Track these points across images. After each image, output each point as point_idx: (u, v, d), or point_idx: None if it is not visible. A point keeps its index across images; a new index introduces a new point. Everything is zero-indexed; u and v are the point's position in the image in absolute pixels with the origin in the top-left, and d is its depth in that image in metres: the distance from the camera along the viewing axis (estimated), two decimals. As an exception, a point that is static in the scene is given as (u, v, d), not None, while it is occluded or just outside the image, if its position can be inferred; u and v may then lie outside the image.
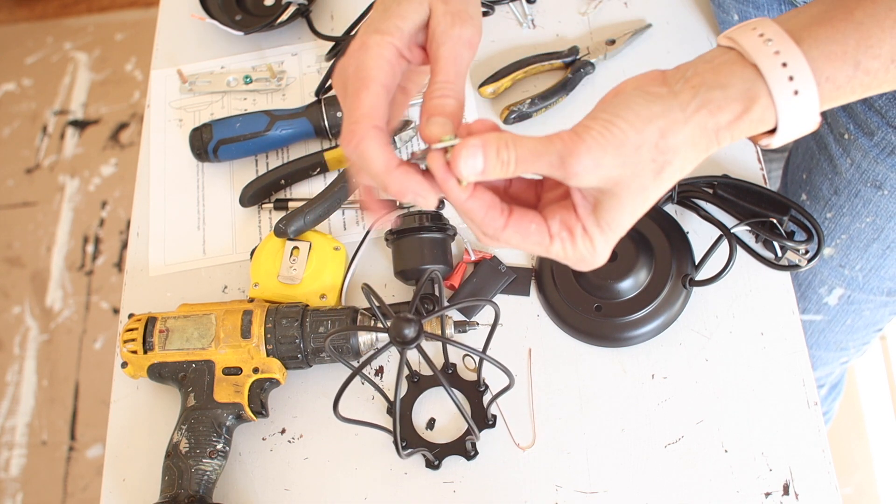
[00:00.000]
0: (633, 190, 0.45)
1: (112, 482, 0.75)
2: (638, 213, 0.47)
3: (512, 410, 0.73)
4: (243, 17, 0.98)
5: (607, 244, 0.48)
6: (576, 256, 0.48)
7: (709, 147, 0.46)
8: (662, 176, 0.46)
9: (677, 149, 0.45)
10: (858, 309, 0.91)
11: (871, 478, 1.57)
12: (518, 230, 0.48)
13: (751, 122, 0.45)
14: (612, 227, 0.47)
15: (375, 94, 0.48)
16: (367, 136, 0.47)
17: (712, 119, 0.45)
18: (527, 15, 0.93)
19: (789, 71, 0.44)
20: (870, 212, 0.78)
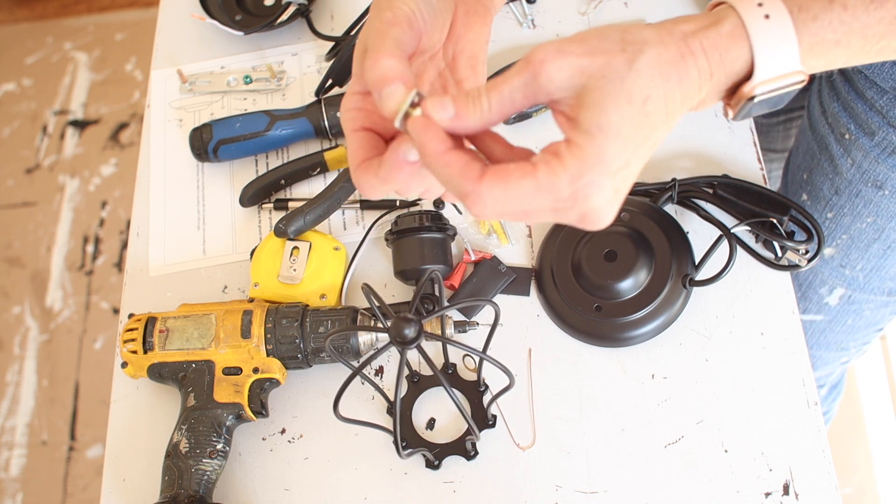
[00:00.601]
0: (610, 79, 0.42)
1: (112, 482, 0.75)
2: (628, 114, 0.42)
3: (512, 410, 0.73)
4: (243, 17, 0.98)
5: (600, 152, 0.42)
6: (568, 178, 0.42)
7: (682, 53, 0.43)
8: (637, 65, 0.42)
9: (645, 40, 0.43)
10: (859, 309, 0.91)
11: (871, 478, 1.57)
12: (497, 175, 0.43)
13: (719, 35, 0.43)
14: (601, 126, 0.42)
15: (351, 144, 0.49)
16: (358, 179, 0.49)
17: (676, 27, 0.44)
18: (527, 15, 0.93)
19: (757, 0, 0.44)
20: (871, 212, 0.78)
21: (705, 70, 0.44)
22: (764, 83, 0.44)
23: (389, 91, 0.45)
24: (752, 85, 0.45)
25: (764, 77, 0.44)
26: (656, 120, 0.43)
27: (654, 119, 0.43)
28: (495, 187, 0.43)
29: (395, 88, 0.45)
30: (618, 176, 0.43)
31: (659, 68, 0.43)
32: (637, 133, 0.43)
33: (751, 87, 0.45)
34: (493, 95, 0.44)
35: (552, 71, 0.42)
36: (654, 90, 0.43)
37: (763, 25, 0.43)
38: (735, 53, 0.44)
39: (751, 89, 0.45)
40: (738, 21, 0.44)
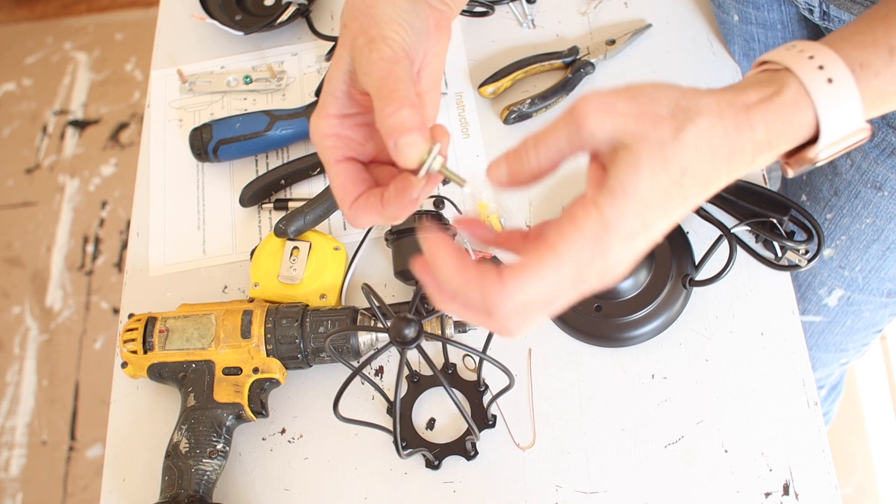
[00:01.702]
0: (650, 144, 0.40)
1: (112, 482, 0.75)
2: (661, 182, 0.40)
3: (512, 410, 0.73)
4: (243, 17, 0.98)
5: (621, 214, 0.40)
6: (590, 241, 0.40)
7: (740, 126, 0.41)
8: (683, 136, 0.40)
9: (700, 111, 0.40)
10: (858, 310, 0.91)
11: (871, 478, 1.57)
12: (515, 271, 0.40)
13: (783, 105, 0.41)
14: (627, 188, 0.39)
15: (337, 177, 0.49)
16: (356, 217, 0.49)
17: (738, 97, 0.42)
18: (527, 15, 0.93)
19: (817, 62, 0.42)
20: (870, 213, 0.78)
21: (763, 143, 0.42)
22: (829, 147, 0.43)
23: (409, 141, 0.44)
24: (817, 151, 0.43)
25: (829, 141, 0.43)
26: (691, 192, 0.41)
27: (689, 191, 0.41)
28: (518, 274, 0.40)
29: (414, 139, 0.44)
30: (638, 238, 0.41)
31: (709, 142, 0.40)
32: (666, 202, 0.41)
33: (815, 153, 0.43)
34: (540, 149, 0.43)
35: (595, 124, 0.41)
36: (697, 164, 0.40)
37: (827, 91, 0.42)
38: (799, 121, 0.42)
39: (814, 154, 0.43)
40: (800, 88, 0.42)
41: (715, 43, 0.88)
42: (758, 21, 0.83)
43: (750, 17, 0.83)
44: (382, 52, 0.46)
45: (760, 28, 0.83)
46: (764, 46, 0.85)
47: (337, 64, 0.49)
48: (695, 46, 0.88)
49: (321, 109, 0.50)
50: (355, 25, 0.48)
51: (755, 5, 0.81)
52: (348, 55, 0.48)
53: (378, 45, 0.46)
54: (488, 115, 0.88)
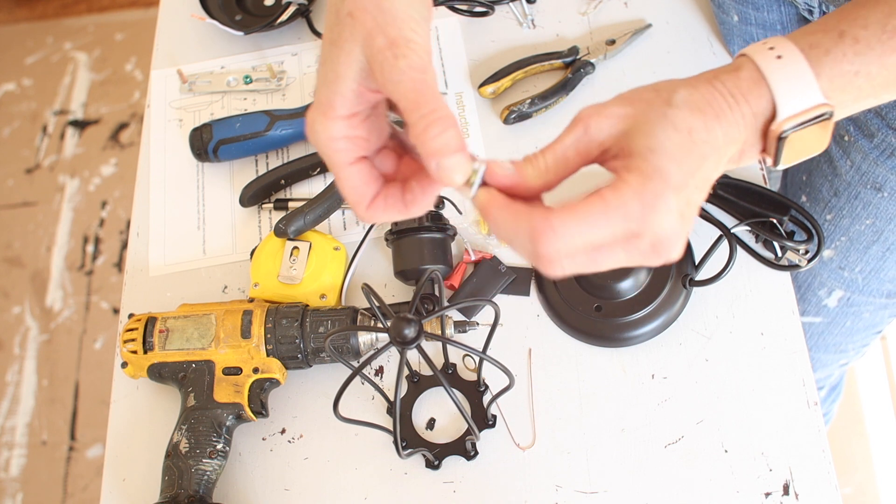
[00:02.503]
0: (653, 116, 0.44)
1: (112, 482, 0.75)
2: (676, 140, 0.43)
3: (512, 410, 0.73)
4: (243, 17, 0.98)
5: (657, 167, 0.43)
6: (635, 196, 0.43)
7: (711, 92, 0.45)
8: (675, 102, 0.44)
9: (675, 86, 0.46)
10: (858, 311, 0.91)
11: (871, 478, 1.57)
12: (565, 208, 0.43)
13: (739, 79, 0.46)
14: (651, 147, 0.43)
15: (349, 179, 0.48)
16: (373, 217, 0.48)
17: (701, 75, 0.47)
18: (527, 15, 0.93)
19: (770, 44, 0.47)
20: (869, 214, 0.78)
21: (736, 109, 0.45)
22: (789, 119, 0.45)
23: (454, 163, 0.44)
24: (778, 122, 0.45)
25: (788, 113, 0.45)
26: (704, 149, 0.44)
27: (703, 148, 0.44)
28: (565, 217, 0.43)
29: (459, 161, 0.44)
30: (680, 194, 0.44)
31: (695, 104, 0.45)
32: (688, 156, 0.44)
33: (777, 125, 0.46)
34: (548, 155, 0.46)
35: (601, 120, 0.45)
36: (696, 122, 0.44)
37: (777, 65, 0.46)
38: (757, 93, 0.46)
39: (777, 126, 0.46)
40: (753, 65, 0.46)
41: (715, 43, 0.88)
42: (757, 22, 0.83)
43: (749, 17, 0.83)
44: (411, 60, 0.44)
45: (760, 29, 0.83)
46: (764, 47, 0.85)
47: (345, 60, 0.46)
48: (695, 46, 0.88)
49: (328, 110, 0.46)
50: (367, 19, 0.45)
51: (755, 6, 0.81)
52: (361, 52, 0.45)
53: (403, 50, 0.44)
54: (488, 115, 0.88)
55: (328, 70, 0.47)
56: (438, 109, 0.44)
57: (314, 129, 0.47)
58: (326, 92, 0.46)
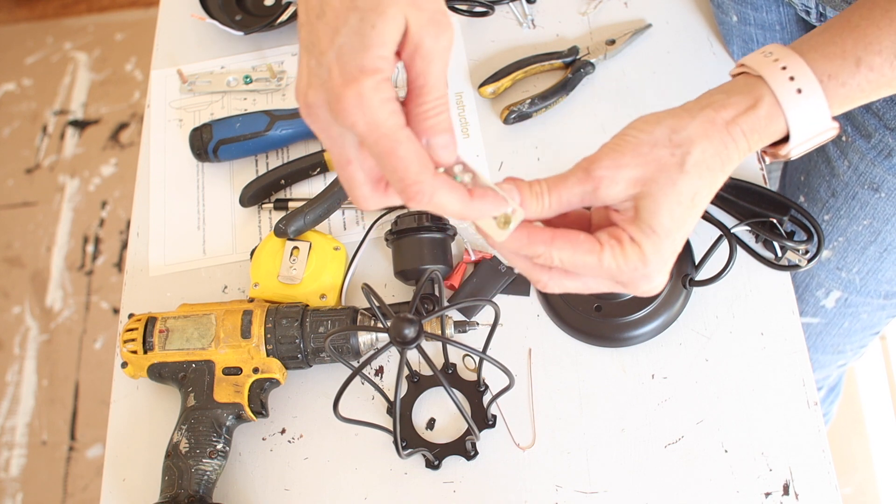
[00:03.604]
0: (663, 185, 0.46)
1: (112, 482, 0.75)
2: (678, 214, 0.47)
3: (512, 410, 0.73)
4: (243, 17, 0.98)
5: (657, 250, 0.47)
6: (629, 268, 0.47)
7: (725, 142, 0.47)
8: (686, 167, 0.46)
9: (691, 139, 0.46)
10: (856, 312, 0.91)
11: (871, 478, 1.57)
12: (567, 240, 0.47)
13: (758, 118, 0.47)
14: (656, 228, 0.47)
15: (410, 141, 0.43)
16: (435, 190, 0.43)
17: (718, 114, 0.47)
18: (527, 15, 0.93)
19: (789, 72, 0.47)
20: (867, 214, 0.78)
21: (745, 149, 0.48)
22: (798, 146, 0.49)
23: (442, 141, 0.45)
24: (788, 149, 0.49)
25: (798, 142, 0.49)
26: (700, 207, 0.48)
27: (699, 208, 0.48)
28: (565, 249, 0.47)
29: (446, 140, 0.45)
30: (666, 263, 0.49)
31: (706, 163, 0.47)
32: (685, 224, 0.48)
33: (787, 151, 0.49)
34: (553, 196, 0.48)
35: (610, 186, 0.47)
36: (702, 185, 0.47)
37: (796, 101, 0.47)
38: (773, 128, 0.48)
39: (787, 152, 0.49)
40: (773, 100, 0.47)
41: (715, 43, 0.88)
42: (756, 22, 0.83)
43: (748, 18, 0.83)
44: (448, 39, 0.44)
45: (759, 29, 0.83)
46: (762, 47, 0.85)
47: (390, 26, 0.42)
48: (695, 46, 0.88)
49: (375, 72, 0.42)
50: None
51: (753, 6, 0.81)
52: (403, 20, 0.43)
53: (444, 29, 0.44)
54: (488, 115, 0.88)
55: (362, 30, 0.43)
56: (444, 96, 0.46)
57: (362, 94, 0.42)
58: (366, 56, 0.42)
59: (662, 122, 0.47)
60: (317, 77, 0.44)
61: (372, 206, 0.48)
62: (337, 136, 0.45)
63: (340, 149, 0.46)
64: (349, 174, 0.47)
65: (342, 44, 0.43)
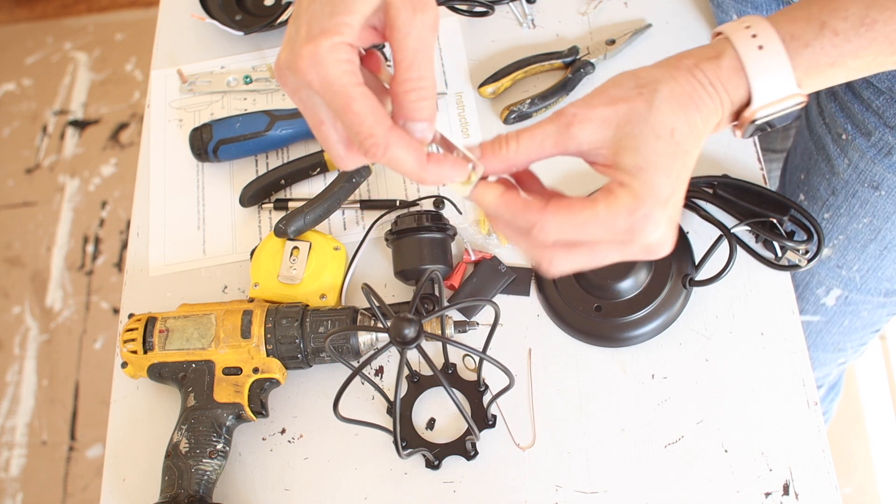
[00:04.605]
0: (635, 122, 0.46)
1: (112, 482, 0.75)
2: (660, 148, 0.46)
3: (512, 410, 0.73)
4: (243, 17, 0.98)
5: (648, 187, 0.46)
6: (626, 212, 0.46)
7: (692, 84, 0.47)
8: (655, 103, 0.46)
9: (656, 79, 0.47)
10: (856, 310, 0.91)
11: (871, 478, 1.57)
12: (560, 203, 0.47)
13: (720, 68, 0.47)
14: (640, 164, 0.46)
15: (365, 98, 0.45)
16: (390, 143, 0.45)
17: (681, 61, 0.48)
18: (527, 15, 0.93)
19: (752, 31, 0.47)
20: (867, 212, 0.78)
21: (715, 97, 0.47)
22: (762, 108, 0.48)
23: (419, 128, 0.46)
24: (752, 110, 0.48)
25: (761, 103, 0.48)
26: (687, 146, 0.47)
27: (685, 146, 0.47)
28: (559, 213, 0.46)
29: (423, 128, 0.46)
30: (668, 204, 0.47)
31: (675, 100, 0.47)
32: (674, 162, 0.46)
33: (750, 112, 0.48)
34: (522, 143, 0.47)
35: (584, 123, 0.47)
36: (677, 121, 0.46)
37: (757, 56, 0.47)
38: (735, 83, 0.47)
39: (751, 114, 0.48)
40: (734, 54, 0.47)
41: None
42: (757, 21, 0.83)
43: (749, 19, 0.83)
44: (427, 17, 0.45)
45: (759, 28, 0.83)
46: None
47: None
48: (695, 46, 0.88)
49: (334, 34, 0.44)
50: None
51: (753, 5, 0.81)
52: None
53: (423, 5, 0.45)
54: (488, 115, 0.88)
55: (333, 3, 0.45)
56: (426, 78, 0.46)
57: (316, 52, 0.44)
58: (332, 21, 0.44)
59: (628, 73, 0.48)
60: (290, 41, 0.47)
61: (349, 165, 0.50)
62: (306, 97, 0.48)
63: (310, 110, 0.48)
64: (322, 134, 0.49)
65: (314, 11, 0.46)
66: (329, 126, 0.48)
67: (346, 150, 0.49)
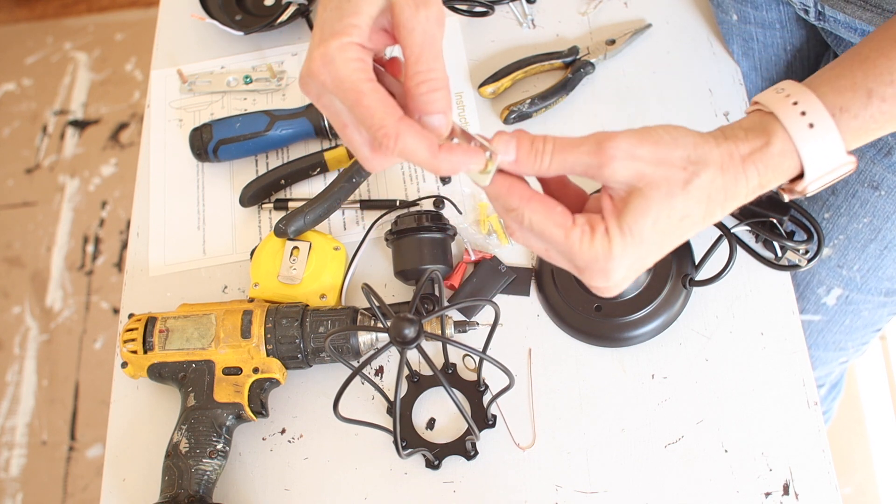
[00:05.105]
0: (661, 193, 0.46)
1: (112, 482, 0.75)
2: (662, 227, 0.47)
3: (512, 410, 0.73)
4: (243, 17, 0.98)
5: (625, 252, 0.47)
6: (589, 256, 0.47)
7: (737, 178, 0.47)
8: (690, 188, 0.46)
9: (707, 163, 0.46)
10: (857, 309, 0.91)
11: (872, 478, 1.57)
12: (543, 204, 0.47)
13: (771, 155, 0.47)
14: (634, 231, 0.46)
15: (375, 91, 0.46)
16: (400, 133, 0.46)
17: (737, 148, 0.47)
18: (527, 15, 0.93)
19: (800, 107, 0.47)
20: (867, 212, 0.78)
21: (755, 185, 0.47)
22: (815, 181, 0.48)
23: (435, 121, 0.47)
24: (804, 185, 0.48)
25: (814, 177, 0.48)
26: (686, 232, 0.48)
27: (685, 232, 0.48)
28: (537, 212, 0.47)
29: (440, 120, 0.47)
30: (630, 269, 0.48)
31: (709, 192, 0.47)
32: (664, 240, 0.48)
33: (803, 187, 0.49)
34: (557, 158, 0.47)
35: (618, 169, 0.46)
36: (696, 210, 0.47)
37: (809, 136, 0.47)
38: (787, 165, 0.47)
39: (803, 188, 0.49)
40: (785, 136, 0.47)
41: (715, 43, 0.88)
42: (756, 21, 0.83)
43: (749, 16, 0.83)
44: (430, 12, 0.46)
45: (759, 28, 0.83)
46: (762, 46, 0.85)
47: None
48: (695, 46, 0.88)
49: (343, 35, 0.46)
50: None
51: (753, 5, 0.81)
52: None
53: (426, 2, 0.46)
54: (488, 115, 0.88)
55: (342, 7, 0.47)
56: (435, 70, 0.46)
57: (327, 53, 0.46)
58: (341, 24, 0.47)
59: (690, 136, 0.47)
60: (308, 51, 0.48)
61: (375, 167, 0.51)
62: (328, 102, 0.49)
63: (334, 115, 0.49)
64: (348, 137, 0.50)
65: (325, 18, 0.48)
66: (353, 129, 0.49)
67: (372, 152, 0.50)
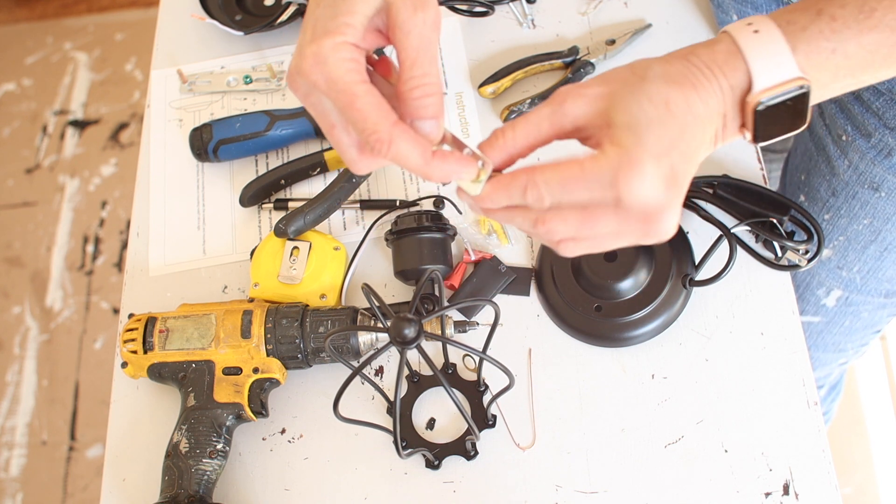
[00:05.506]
0: (628, 90, 0.46)
1: (112, 482, 0.75)
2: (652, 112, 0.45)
3: (512, 410, 0.73)
4: (243, 17, 0.98)
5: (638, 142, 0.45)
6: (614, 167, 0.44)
7: (687, 67, 0.46)
8: (648, 76, 0.46)
9: (650, 64, 0.47)
10: (856, 311, 0.91)
11: (872, 478, 1.57)
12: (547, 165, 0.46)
13: (715, 52, 0.46)
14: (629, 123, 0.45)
15: (369, 94, 0.46)
16: (394, 138, 0.45)
17: (675, 52, 0.48)
18: (527, 15, 0.93)
19: (748, 20, 0.47)
20: (867, 214, 0.78)
21: (713, 80, 0.46)
22: (765, 91, 0.46)
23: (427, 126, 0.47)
24: (754, 94, 0.46)
25: (763, 85, 0.46)
26: (684, 119, 0.45)
27: (682, 119, 0.45)
28: (546, 170, 0.46)
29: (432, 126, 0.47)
30: (661, 161, 0.45)
31: (669, 77, 0.46)
32: (666, 127, 0.45)
33: (753, 96, 0.46)
34: (519, 128, 0.47)
35: (577, 100, 0.47)
36: (672, 93, 0.45)
37: (753, 38, 0.46)
38: (732, 65, 0.46)
39: (753, 98, 0.46)
40: (730, 39, 0.47)
41: (715, 43, 0.88)
42: (757, 21, 0.83)
43: (748, 16, 0.83)
44: (427, 15, 0.46)
45: (759, 28, 0.83)
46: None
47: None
48: (695, 46, 0.88)
49: (336, 35, 0.46)
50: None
51: (754, 5, 0.81)
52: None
53: (423, 3, 0.46)
54: (488, 115, 0.88)
55: (337, 4, 0.46)
56: (430, 75, 0.46)
57: (319, 52, 0.45)
58: (335, 22, 0.46)
59: (621, 66, 0.49)
60: (298, 47, 0.48)
61: (363, 168, 0.50)
62: (317, 101, 0.48)
63: (322, 114, 0.49)
64: (335, 138, 0.49)
65: (318, 15, 0.47)
66: (341, 129, 0.49)
67: (360, 154, 0.49)
